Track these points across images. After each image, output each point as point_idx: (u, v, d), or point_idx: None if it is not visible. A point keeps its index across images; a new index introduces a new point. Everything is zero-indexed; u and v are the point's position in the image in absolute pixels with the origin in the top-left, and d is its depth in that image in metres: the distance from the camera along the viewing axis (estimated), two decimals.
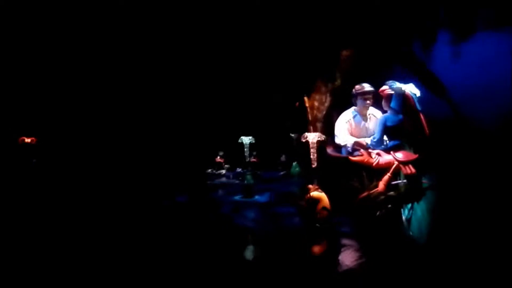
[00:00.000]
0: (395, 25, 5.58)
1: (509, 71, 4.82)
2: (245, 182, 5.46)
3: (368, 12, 5.58)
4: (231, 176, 6.46)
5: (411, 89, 4.31)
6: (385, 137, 4.46)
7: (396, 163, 3.36)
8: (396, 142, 4.23)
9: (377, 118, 4.82)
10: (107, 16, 6.06)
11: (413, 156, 3.31)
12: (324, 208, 3.90)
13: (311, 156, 4.36)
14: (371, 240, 3.09)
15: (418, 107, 4.25)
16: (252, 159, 6.78)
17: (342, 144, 4.82)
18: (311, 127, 6.97)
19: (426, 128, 4.25)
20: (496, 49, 4.91)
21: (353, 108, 4.95)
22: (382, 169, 3.47)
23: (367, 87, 4.76)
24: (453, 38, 5.24)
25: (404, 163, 3.32)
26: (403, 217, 3.17)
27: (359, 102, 4.83)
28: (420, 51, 5.83)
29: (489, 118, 4.88)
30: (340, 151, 4.98)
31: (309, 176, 4.20)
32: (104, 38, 6.21)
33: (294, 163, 6.18)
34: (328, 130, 5.31)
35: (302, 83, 6.85)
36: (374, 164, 3.59)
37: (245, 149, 5.66)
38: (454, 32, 5.21)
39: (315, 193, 4.06)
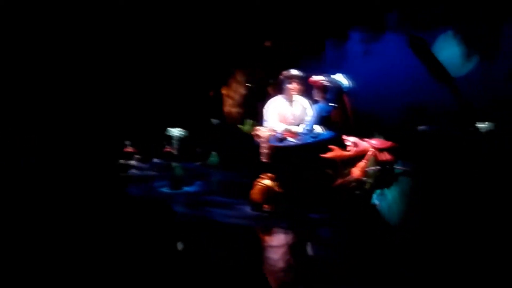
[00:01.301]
0: (313, 19, 5.86)
1: (412, 69, 5.45)
2: (174, 173, 5.19)
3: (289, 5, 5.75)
4: (146, 167, 6.06)
5: (340, 79, 4.60)
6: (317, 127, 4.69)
7: (372, 150, 3.52)
8: (331, 133, 4.48)
9: (303, 106, 5.04)
10: None
11: (388, 143, 3.50)
12: (272, 196, 3.94)
13: (262, 150, 4.35)
14: (345, 228, 3.18)
15: (346, 97, 4.59)
16: (166, 149, 6.49)
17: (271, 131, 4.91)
18: (228, 116, 6.95)
19: (352, 118, 4.61)
20: (402, 49, 5.53)
21: (281, 95, 5.07)
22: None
23: (294, 71, 4.93)
24: (364, 37, 5.74)
25: (381, 149, 3.50)
26: (374, 203, 3.35)
27: (286, 87, 4.96)
28: (332, 47, 6.24)
29: (393, 112, 5.45)
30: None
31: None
32: None
33: (213, 153, 6.08)
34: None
35: (220, 72, 6.78)
36: (353, 153, 3.70)
37: (174, 141, 5.39)
38: (365, 31, 5.71)
39: (266, 181, 4.06)
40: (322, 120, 4.61)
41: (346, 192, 3.40)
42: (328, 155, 3.75)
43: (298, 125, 4.95)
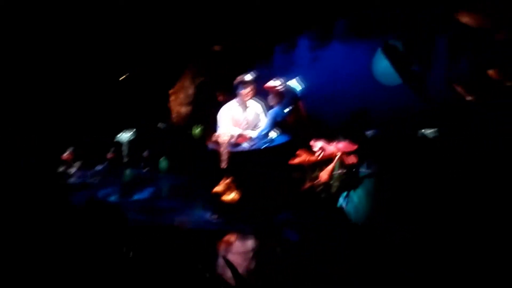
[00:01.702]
0: (263, 24, 5.91)
1: (357, 74, 5.70)
2: (124, 180, 4.93)
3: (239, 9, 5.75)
4: (87, 175, 5.72)
5: (295, 84, 4.69)
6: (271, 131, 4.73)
7: (339, 153, 3.59)
8: (286, 137, 4.54)
9: (256, 111, 5.06)
10: None
11: (354, 146, 3.59)
12: (229, 202, 3.90)
13: (222, 156, 4.28)
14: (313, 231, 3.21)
15: (300, 101, 4.68)
16: (110, 155, 6.20)
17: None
18: (174, 121, 6.79)
19: (307, 122, 4.72)
20: (348, 56, 5.76)
21: (234, 99, 5.05)
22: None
23: (247, 76, 4.94)
24: (313, 44, 5.90)
25: (348, 153, 3.59)
26: (339, 205, 3.43)
27: (239, 91, 4.96)
28: (281, 53, 6.34)
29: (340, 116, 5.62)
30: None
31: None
32: None
33: (162, 158, 5.90)
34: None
35: (169, 77, 6.63)
36: (319, 156, 3.75)
37: (123, 147, 5.12)
38: (313, 38, 5.87)
39: (221, 187, 4.01)
40: (277, 124, 4.66)
41: (314, 195, 3.46)
42: (296, 160, 3.80)
43: (252, 130, 4.96)
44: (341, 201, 3.38)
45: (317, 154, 3.63)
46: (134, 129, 5.33)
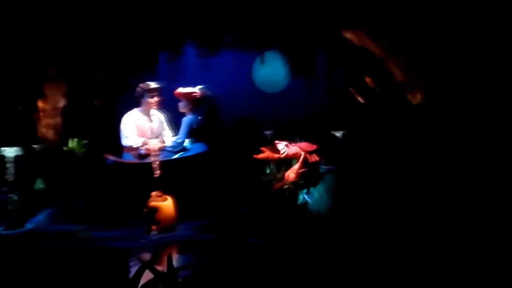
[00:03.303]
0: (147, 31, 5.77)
1: (244, 82, 6.08)
2: (10, 207, 4.07)
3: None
4: None
5: (206, 91, 4.76)
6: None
7: (303, 153, 3.71)
8: (202, 146, 4.55)
9: (160, 119, 4.92)
10: None
11: (314, 146, 3.77)
12: (161, 218, 3.73)
13: (153, 165, 3.97)
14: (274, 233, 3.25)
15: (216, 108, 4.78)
16: None
17: (134, 146, 4.61)
18: (41, 132, 6.05)
19: (222, 128, 4.84)
20: (236, 64, 6.09)
21: (137, 108, 4.80)
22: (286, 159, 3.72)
23: (153, 84, 4.77)
24: (202, 52, 6.03)
25: (310, 152, 3.73)
26: (303, 201, 3.59)
27: (145, 100, 4.74)
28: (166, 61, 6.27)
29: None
30: (121, 155, 4.73)
31: None
32: None
33: (39, 179, 5.15)
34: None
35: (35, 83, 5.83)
36: (283, 155, 3.79)
37: (8, 165, 4.22)
38: (203, 47, 6.01)
39: (154, 203, 3.78)
40: (192, 132, 4.62)
41: (281, 195, 3.60)
42: (260, 156, 3.85)
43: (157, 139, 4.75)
44: (302, 197, 3.63)
45: (282, 152, 3.78)
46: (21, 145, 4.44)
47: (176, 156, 4.58)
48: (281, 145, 3.75)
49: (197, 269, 2.83)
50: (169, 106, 5.04)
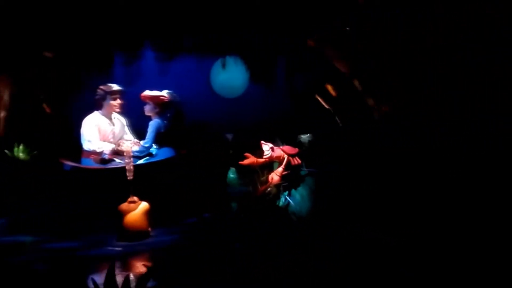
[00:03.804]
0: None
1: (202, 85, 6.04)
2: None
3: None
4: None
5: (172, 94, 4.66)
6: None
7: (286, 156, 3.70)
8: (169, 151, 4.43)
9: (122, 123, 4.74)
10: None
11: (296, 149, 3.79)
12: (129, 225, 3.60)
13: (127, 167, 3.77)
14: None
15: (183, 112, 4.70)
16: None
17: (98, 150, 4.40)
18: None
19: (189, 132, 4.76)
20: (191, 69, 6.03)
21: (97, 111, 4.59)
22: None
23: (115, 86, 4.59)
24: (161, 56, 5.92)
25: (293, 155, 3.74)
26: (281, 204, 3.60)
27: (107, 103, 4.55)
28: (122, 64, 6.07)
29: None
30: (79, 160, 4.50)
31: None
32: None
33: None
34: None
35: None
36: (267, 158, 3.75)
37: None
38: (161, 51, 5.89)
39: (123, 205, 3.62)
40: (160, 136, 4.49)
41: (264, 198, 3.59)
42: (245, 162, 3.81)
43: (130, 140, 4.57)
44: (283, 199, 3.67)
45: (266, 155, 3.78)
46: None
47: (141, 161, 4.42)
48: (266, 147, 3.78)
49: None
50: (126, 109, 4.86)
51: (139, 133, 4.88)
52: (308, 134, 4.26)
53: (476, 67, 2.80)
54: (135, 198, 3.74)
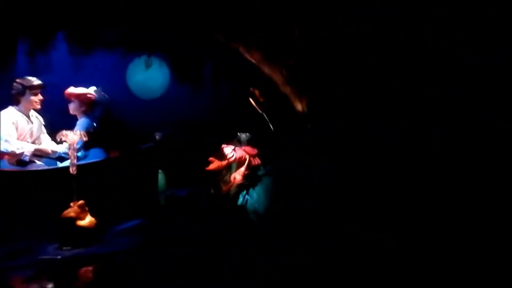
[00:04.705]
0: None
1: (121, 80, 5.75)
2: None
3: None
4: None
5: (99, 93, 4.39)
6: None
7: (247, 156, 3.62)
8: (100, 151, 4.14)
9: (40, 121, 4.32)
10: None
11: (255, 150, 3.73)
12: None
13: (71, 161, 3.37)
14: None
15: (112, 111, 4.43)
16: None
17: (18, 152, 3.94)
18: None
19: (120, 132, 4.50)
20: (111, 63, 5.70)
21: (12, 107, 4.11)
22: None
23: (35, 80, 4.16)
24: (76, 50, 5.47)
25: (254, 155, 3.67)
26: (240, 203, 3.56)
27: (25, 98, 4.08)
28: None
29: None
30: None
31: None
32: None
33: None
34: None
35: None
36: (231, 160, 3.61)
37: None
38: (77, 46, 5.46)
39: (70, 211, 3.28)
40: (89, 136, 4.15)
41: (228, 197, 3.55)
42: (211, 167, 3.69)
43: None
44: (242, 198, 3.68)
45: (229, 157, 3.71)
46: None
47: (66, 163, 4.06)
48: (229, 149, 3.80)
49: None
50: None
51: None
52: (247, 133, 4.36)
53: (476, 67, 2.82)
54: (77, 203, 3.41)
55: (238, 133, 4.30)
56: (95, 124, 4.20)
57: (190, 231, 3.29)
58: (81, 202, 3.35)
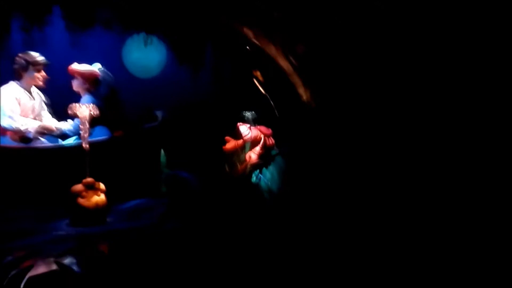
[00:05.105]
0: None
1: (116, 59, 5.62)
2: None
3: None
4: None
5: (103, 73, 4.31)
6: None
7: (263, 136, 3.61)
8: (104, 129, 4.09)
9: (41, 98, 4.24)
10: None
11: (270, 130, 3.72)
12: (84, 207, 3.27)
13: (83, 136, 3.31)
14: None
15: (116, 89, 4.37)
16: None
17: (22, 128, 3.86)
18: None
19: (123, 111, 4.44)
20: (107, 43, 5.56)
21: (14, 82, 4.01)
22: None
23: (38, 56, 4.07)
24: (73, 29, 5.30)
25: (268, 135, 3.65)
26: (254, 181, 3.56)
27: (28, 74, 4.02)
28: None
29: None
30: None
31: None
32: None
33: None
34: None
35: None
36: (247, 138, 3.60)
37: None
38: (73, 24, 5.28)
39: (77, 187, 3.25)
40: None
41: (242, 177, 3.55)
42: (228, 146, 3.67)
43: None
44: (255, 177, 3.70)
45: (245, 135, 3.70)
46: None
47: (70, 140, 4.00)
48: (245, 128, 3.79)
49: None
50: None
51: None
52: (252, 112, 4.35)
53: (476, 67, 2.82)
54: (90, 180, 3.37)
55: (243, 112, 4.30)
56: (98, 102, 4.12)
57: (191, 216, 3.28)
58: (89, 179, 3.31)
